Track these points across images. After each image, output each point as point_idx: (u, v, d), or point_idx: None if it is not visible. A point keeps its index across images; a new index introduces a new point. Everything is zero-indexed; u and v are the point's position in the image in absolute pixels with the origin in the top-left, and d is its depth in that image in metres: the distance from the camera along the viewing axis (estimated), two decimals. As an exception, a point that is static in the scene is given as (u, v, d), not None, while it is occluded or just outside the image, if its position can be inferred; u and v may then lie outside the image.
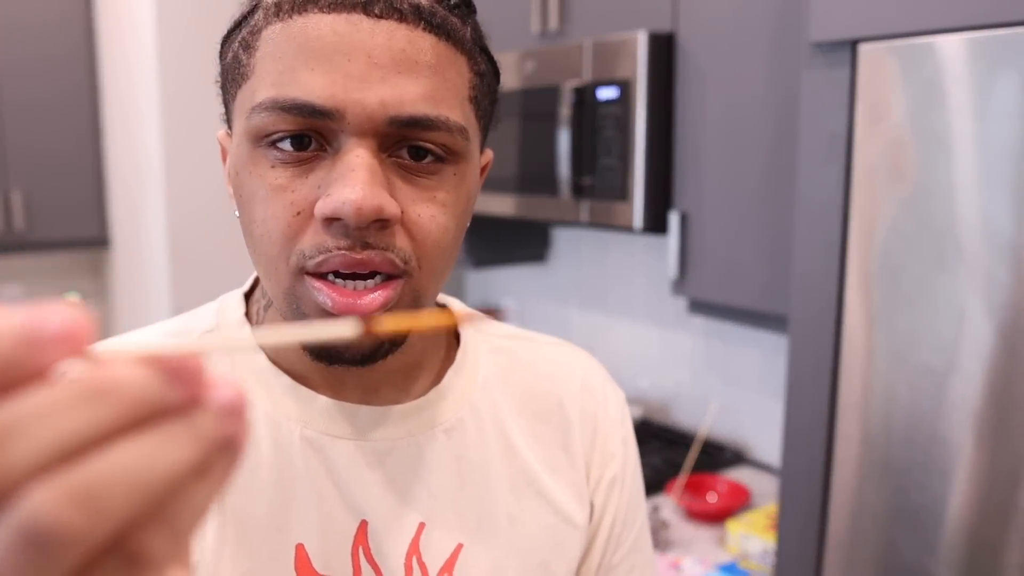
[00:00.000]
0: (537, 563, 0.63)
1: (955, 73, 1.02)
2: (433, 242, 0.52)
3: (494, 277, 2.83)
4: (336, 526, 0.57)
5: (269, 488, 0.56)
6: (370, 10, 0.49)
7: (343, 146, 0.49)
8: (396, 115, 0.49)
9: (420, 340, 0.61)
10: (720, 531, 1.71)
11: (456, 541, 0.60)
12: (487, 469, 0.62)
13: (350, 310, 0.49)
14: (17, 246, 2.68)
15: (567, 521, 0.65)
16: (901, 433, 1.11)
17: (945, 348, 1.05)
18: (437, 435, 0.61)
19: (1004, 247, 0.99)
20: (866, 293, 1.13)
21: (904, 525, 1.11)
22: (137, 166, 2.59)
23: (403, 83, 0.49)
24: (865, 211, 1.12)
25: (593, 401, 0.70)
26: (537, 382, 0.68)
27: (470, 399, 0.63)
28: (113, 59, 2.67)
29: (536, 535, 0.63)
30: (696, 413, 2.19)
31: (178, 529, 0.24)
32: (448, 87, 0.51)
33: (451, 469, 0.61)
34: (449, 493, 0.60)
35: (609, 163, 1.74)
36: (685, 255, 1.73)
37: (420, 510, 0.59)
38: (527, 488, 0.64)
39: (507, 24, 2.11)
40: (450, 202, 0.52)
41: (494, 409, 0.64)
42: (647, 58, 1.66)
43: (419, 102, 0.49)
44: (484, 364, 0.66)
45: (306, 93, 0.48)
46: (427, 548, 0.59)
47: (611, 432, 0.70)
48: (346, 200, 0.47)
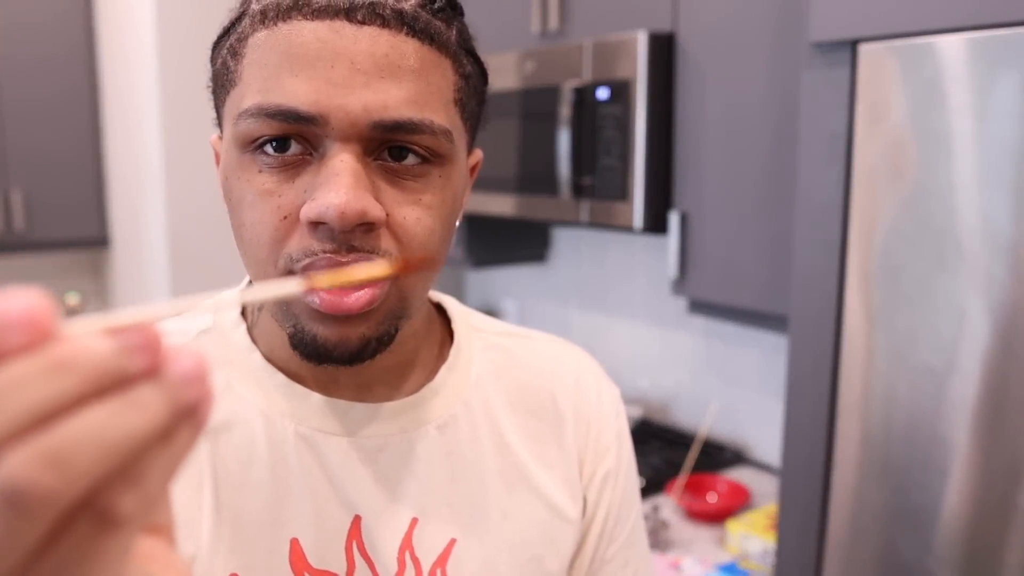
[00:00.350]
0: (530, 558, 0.63)
1: (955, 73, 1.02)
2: (419, 244, 0.52)
3: (494, 277, 2.83)
4: (330, 521, 0.58)
5: (264, 484, 0.57)
6: (353, 16, 0.50)
7: (328, 151, 0.50)
8: (380, 120, 0.50)
9: (413, 338, 0.62)
10: (720, 531, 1.71)
11: (449, 536, 0.61)
12: (480, 465, 0.63)
13: (337, 309, 0.50)
14: (17, 246, 2.68)
15: (560, 516, 0.66)
16: (901, 433, 1.11)
17: (945, 348, 1.05)
18: (429, 431, 0.61)
19: (1004, 247, 0.99)
20: (866, 293, 1.13)
21: (904, 525, 1.11)
22: (137, 166, 2.59)
23: (386, 88, 0.50)
24: (865, 211, 1.12)
25: (586, 397, 0.70)
26: (531, 378, 0.68)
27: (463, 395, 0.64)
28: (113, 59, 2.67)
29: (529, 530, 0.64)
30: (696, 413, 2.19)
31: (146, 491, 0.26)
32: (432, 90, 0.52)
33: (443, 465, 0.62)
34: (442, 488, 0.61)
35: (609, 163, 1.74)
36: (685, 255, 1.73)
37: (413, 505, 0.60)
38: (520, 483, 0.64)
39: (507, 24, 2.11)
40: (436, 204, 0.53)
41: (487, 405, 0.65)
42: (647, 58, 1.66)
43: (403, 106, 0.50)
44: (478, 361, 0.67)
45: (290, 99, 0.49)
46: (420, 543, 0.60)
47: (605, 428, 0.70)
48: (330, 204, 0.48)
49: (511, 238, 2.49)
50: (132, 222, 2.70)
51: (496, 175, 2.06)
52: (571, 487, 0.67)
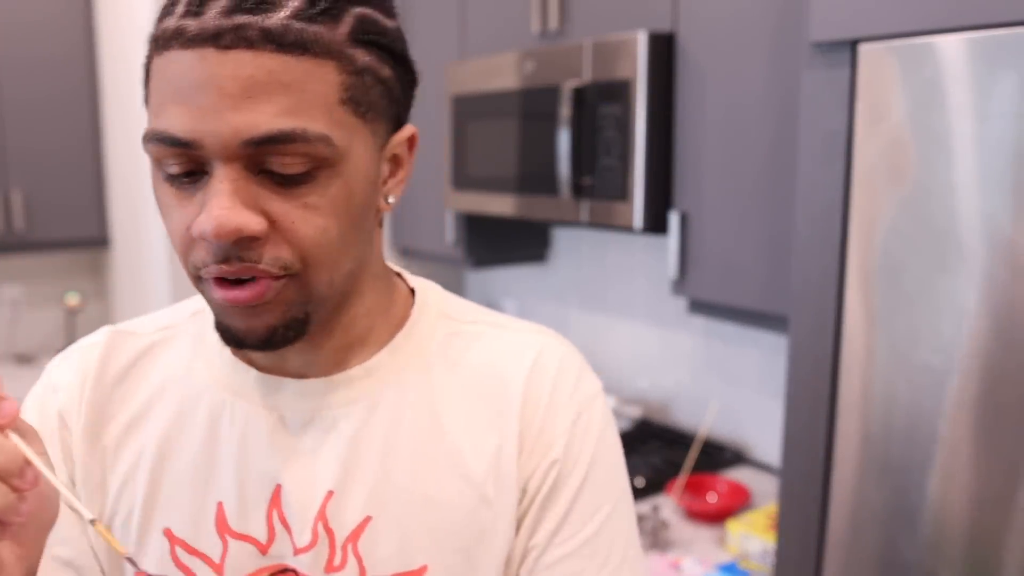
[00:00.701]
0: (457, 548, 0.63)
1: (955, 73, 1.02)
2: (312, 242, 0.56)
3: (494, 277, 2.83)
4: (253, 489, 0.63)
5: (198, 449, 0.64)
6: (219, 43, 0.52)
7: (213, 170, 0.54)
8: (250, 137, 0.52)
9: (365, 317, 0.65)
10: (720, 531, 1.71)
11: (364, 513, 0.62)
12: (407, 448, 0.64)
13: (236, 301, 0.56)
14: (17, 246, 2.68)
15: (492, 508, 0.64)
16: (901, 433, 1.11)
17: (945, 348, 1.06)
18: (357, 410, 0.64)
19: (1004, 247, 0.99)
20: (866, 293, 1.13)
21: (904, 525, 1.12)
22: (137, 166, 2.59)
23: (254, 106, 0.52)
24: (865, 211, 1.12)
25: (540, 384, 0.67)
26: (487, 366, 0.67)
27: (400, 377, 0.66)
28: (113, 59, 2.67)
29: (456, 519, 0.63)
30: (696, 413, 2.19)
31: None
32: (308, 99, 0.54)
33: (367, 443, 0.64)
34: (362, 466, 0.63)
35: (609, 163, 1.74)
36: (685, 255, 1.73)
37: (330, 479, 0.63)
38: (451, 470, 0.64)
39: (507, 24, 2.11)
40: (323, 203, 0.56)
41: (430, 389, 0.66)
42: (647, 58, 1.66)
43: (273, 120, 0.52)
44: (436, 347, 0.68)
45: (171, 127, 0.53)
46: (335, 516, 0.62)
47: (557, 417, 0.66)
48: (205, 228, 0.53)
49: (511, 238, 2.49)
50: (132, 222, 2.70)
51: (496, 175, 2.06)
52: (506, 478, 0.64)
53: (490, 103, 2.06)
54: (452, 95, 2.19)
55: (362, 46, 0.57)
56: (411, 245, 2.63)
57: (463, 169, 2.18)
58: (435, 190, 2.40)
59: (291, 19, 0.53)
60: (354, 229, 0.59)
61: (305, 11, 0.54)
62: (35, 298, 2.98)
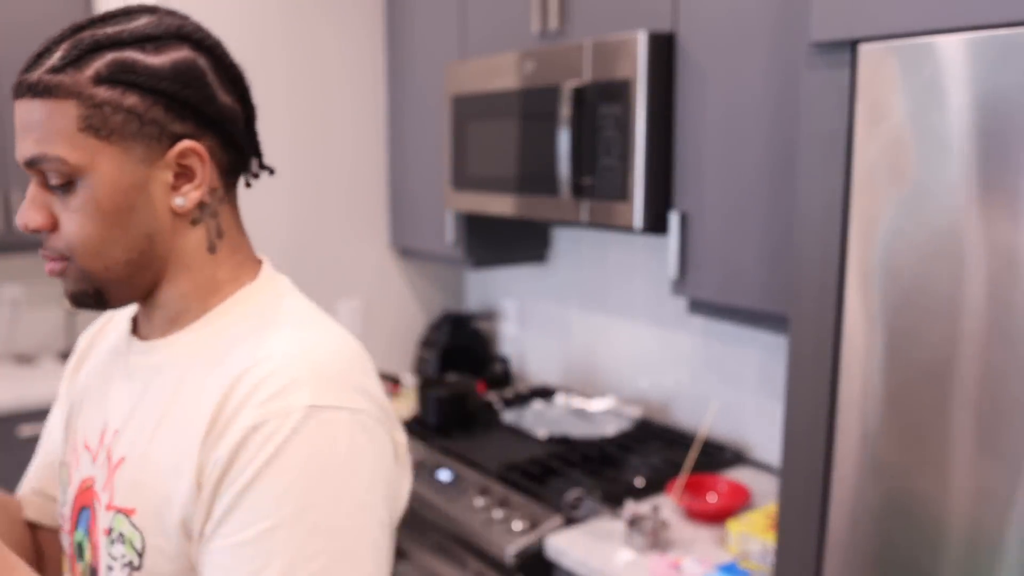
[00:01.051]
0: (155, 506, 0.75)
1: (955, 73, 1.02)
2: (73, 236, 0.75)
3: (494, 277, 2.83)
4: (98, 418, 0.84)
5: (93, 381, 0.88)
6: (19, 95, 0.74)
7: None
8: (23, 160, 0.74)
9: (181, 300, 0.81)
10: (720, 531, 1.71)
11: (122, 454, 0.79)
12: (158, 411, 0.78)
13: (47, 272, 0.78)
14: (17, 246, 2.68)
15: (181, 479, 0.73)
16: (901, 432, 1.11)
17: (944, 348, 1.06)
18: (150, 373, 0.81)
19: (1004, 247, 0.99)
20: (866, 293, 1.14)
21: (904, 524, 1.12)
22: (137, 166, 2.58)
23: (25, 138, 0.74)
24: (865, 211, 1.12)
25: (244, 384, 0.72)
26: (232, 358, 0.76)
27: (182, 355, 0.79)
28: (113, 59, 2.67)
29: (156, 480, 0.75)
30: (696, 413, 2.19)
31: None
32: (52, 130, 0.72)
33: (146, 401, 0.79)
34: (137, 418, 0.79)
35: (609, 163, 1.74)
36: (685, 255, 1.73)
37: (118, 421, 0.81)
38: (171, 440, 0.75)
39: (507, 24, 2.12)
40: (81, 207, 0.74)
41: (192, 368, 0.78)
42: (647, 58, 1.67)
43: (30, 148, 0.73)
44: (230, 334, 0.79)
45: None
46: (113, 450, 0.80)
47: (239, 417, 0.70)
48: (17, 220, 0.75)
49: (511, 238, 2.49)
50: (132, 222, 2.70)
51: (496, 175, 2.06)
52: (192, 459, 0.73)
53: (490, 103, 2.06)
54: (452, 95, 2.19)
55: (105, 84, 0.73)
56: (411, 245, 2.63)
57: (463, 169, 2.18)
58: (435, 190, 2.40)
59: (44, 73, 0.72)
60: (114, 227, 0.75)
61: (56, 65, 0.72)
62: (35, 298, 2.99)
